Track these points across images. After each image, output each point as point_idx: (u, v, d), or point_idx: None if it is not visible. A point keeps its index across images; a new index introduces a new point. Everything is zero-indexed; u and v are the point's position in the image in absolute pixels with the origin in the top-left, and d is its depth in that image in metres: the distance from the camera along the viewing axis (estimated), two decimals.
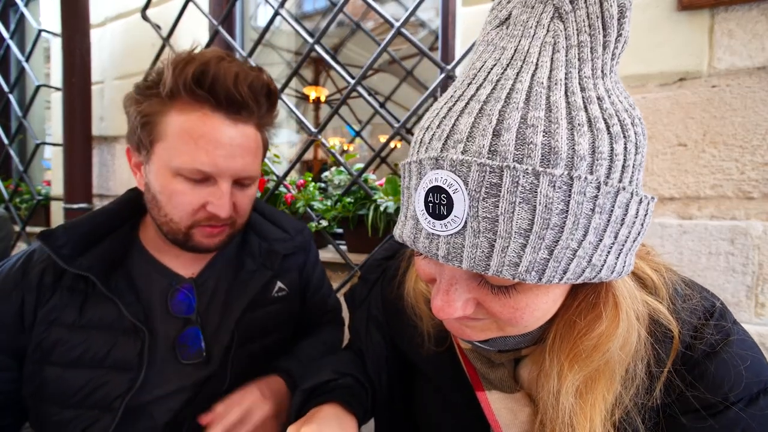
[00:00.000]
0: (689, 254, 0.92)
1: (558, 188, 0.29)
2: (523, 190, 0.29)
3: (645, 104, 0.95)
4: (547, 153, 0.30)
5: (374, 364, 0.64)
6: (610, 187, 0.31)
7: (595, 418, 0.40)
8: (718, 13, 0.89)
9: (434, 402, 0.60)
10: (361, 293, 0.69)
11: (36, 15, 2.20)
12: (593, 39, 0.32)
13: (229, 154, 0.64)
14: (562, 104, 0.31)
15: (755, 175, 0.87)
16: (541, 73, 0.32)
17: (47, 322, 0.64)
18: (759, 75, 0.86)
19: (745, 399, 0.40)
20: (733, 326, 0.43)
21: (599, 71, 0.33)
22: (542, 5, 0.34)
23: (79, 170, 1.69)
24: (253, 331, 0.75)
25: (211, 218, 0.67)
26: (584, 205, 0.30)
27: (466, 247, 0.32)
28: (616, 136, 0.32)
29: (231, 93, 0.63)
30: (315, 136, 1.25)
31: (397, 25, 1.09)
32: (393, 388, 0.65)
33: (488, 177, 0.30)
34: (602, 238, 0.32)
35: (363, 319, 0.67)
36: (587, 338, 0.39)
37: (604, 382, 0.40)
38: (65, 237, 0.65)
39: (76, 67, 1.64)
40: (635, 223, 0.34)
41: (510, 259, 0.31)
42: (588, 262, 0.32)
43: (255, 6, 1.91)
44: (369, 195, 1.20)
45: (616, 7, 0.32)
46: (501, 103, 0.31)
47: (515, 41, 0.34)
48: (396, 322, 0.63)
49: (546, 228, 0.30)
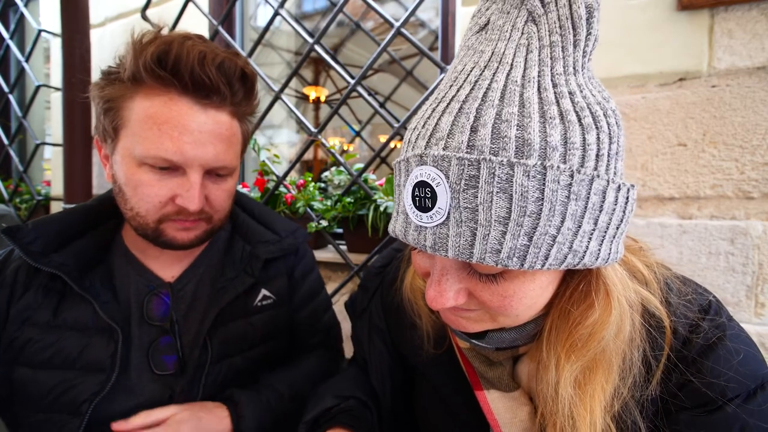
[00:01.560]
0: (689, 254, 0.92)
1: (532, 177, 0.31)
2: (499, 181, 0.31)
3: (645, 104, 0.95)
4: (521, 145, 0.32)
5: (378, 372, 0.64)
6: (584, 175, 0.33)
7: (595, 408, 0.40)
8: (717, 13, 0.89)
9: (434, 403, 0.60)
10: (361, 302, 0.69)
11: (36, 15, 2.20)
12: (564, 39, 0.35)
13: (197, 141, 0.59)
14: (534, 100, 0.33)
15: (755, 174, 0.87)
16: (515, 72, 0.34)
17: (20, 321, 0.62)
18: (759, 75, 0.86)
19: (743, 395, 0.40)
20: (728, 322, 0.43)
21: (571, 68, 0.35)
22: (517, 10, 0.36)
23: (78, 170, 1.69)
24: (233, 345, 0.69)
25: (180, 212, 0.62)
26: (559, 193, 0.32)
27: (450, 236, 0.34)
28: (588, 127, 0.33)
29: (197, 74, 0.57)
30: (315, 136, 1.25)
31: (397, 25, 1.09)
32: (397, 398, 0.65)
33: (467, 170, 0.32)
34: (581, 225, 0.34)
35: (365, 329, 0.67)
36: (581, 327, 0.40)
37: (602, 372, 0.41)
38: (34, 233, 0.62)
39: (76, 67, 1.64)
40: (615, 210, 0.36)
41: (491, 246, 0.33)
42: (569, 248, 0.34)
43: (255, 6, 1.91)
44: (369, 195, 1.20)
45: (584, 8, 0.34)
46: (478, 101, 0.34)
47: (492, 44, 0.37)
48: (396, 326, 0.64)
49: (523, 215, 0.32)
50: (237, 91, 0.63)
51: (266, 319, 0.74)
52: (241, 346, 0.71)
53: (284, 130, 2.62)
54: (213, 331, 0.68)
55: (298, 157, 1.34)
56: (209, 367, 0.66)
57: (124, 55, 0.60)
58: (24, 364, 0.61)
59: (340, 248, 1.24)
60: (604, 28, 0.98)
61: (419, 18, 1.97)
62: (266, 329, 0.74)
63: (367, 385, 0.65)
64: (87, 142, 1.71)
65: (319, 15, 2.35)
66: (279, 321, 0.77)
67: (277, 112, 2.44)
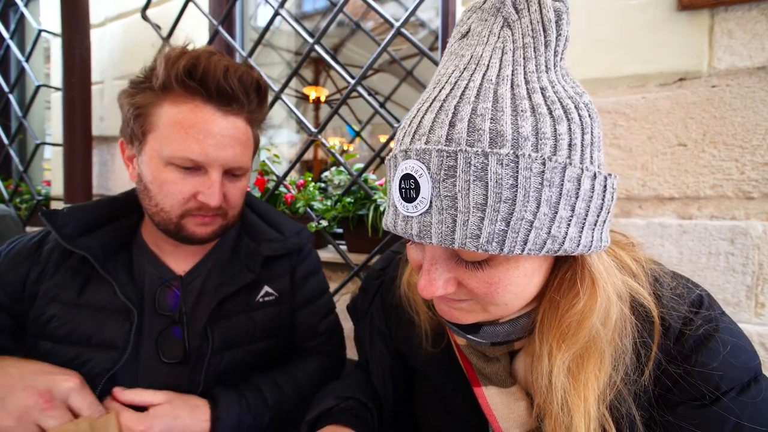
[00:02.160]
0: (689, 254, 0.92)
1: (506, 165, 0.34)
2: (475, 170, 0.34)
3: (645, 104, 0.95)
4: (495, 136, 0.34)
5: (379, 373, 0.66)
6: (555, 162, 0.35)
7: (589, 397, 0.41)
8: (717, 13, 0.89)
9: (433, 402, 0.60)
10: (362, 305, 0.71)
11: (36, 15, 2.20)
12: (536, 40, 0.37)
13: (219, 144, 0.66)
14: (507, 96, 0.36)
15: (755, 174, 0.87)
16: (490, 72, 0.37)
17: (48, 297, 0.68)
18: (759, 75, 0.86)
19: (737, 388, 0.41)
20: (720, 316, 0.44)
21: (543, 66, 0.38)
22: (494, 17, 0.40)
23: (79, 170, 1.69)
24: (234, 338, 0.72)
25: (201, 207, 0.68)
26: (532, 179, 0.34)
27: (433, 224, 0.36)
28: (559, 118, 0.35)
29: (221, 85, 0.65)
30: (315, 136, 1.25)
31: (397, 25, 1.09)
32: (398, 398, 0.66)
33: (446, 161, 0.35)
34: (557, 210, 0.36)
35: (366, 331, 0.68)
36: (570, 315, 0.42)
37: (594, 360, 0.42)
38: (68, 217, 0.69)
39: (76, 67, 1.64)
40: (593, 197, 0.38)
41: (471, 232, 0.35)
42: (548, 234, 0.36)
43: (255, 6, 1.91)
44: (369, 195, 1.20)
45: (553, 12, 0.37)
46: (456, 99, 0.37)
47: (472, 49, 0.40)
48: (396, 326, 0.65)
49: (499, 201, 0.34)
50: (252, 100, 0.70)
51: (268, 315, 0.77)
52: (242, 340, 0.74)
53: (284, 130, 2.63)
54: (214, 322, 0.71)
55: (298, 157, 1.34)
56: (210, 357, 0.69)
57: (154, 66, 0.67)
58: (46, 338, 0.67)
59: (340, 248, 1.24)
60: (604, 28, 0.98)
61: (419, 18, 1.97)
62: (267, 325, 0.77)
63: (368, 388, 0.66)
64: (87, 142, 1.71)
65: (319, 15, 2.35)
66: (280, 318, 0.79)
67: (278, 112, 2.44)
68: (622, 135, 0.97)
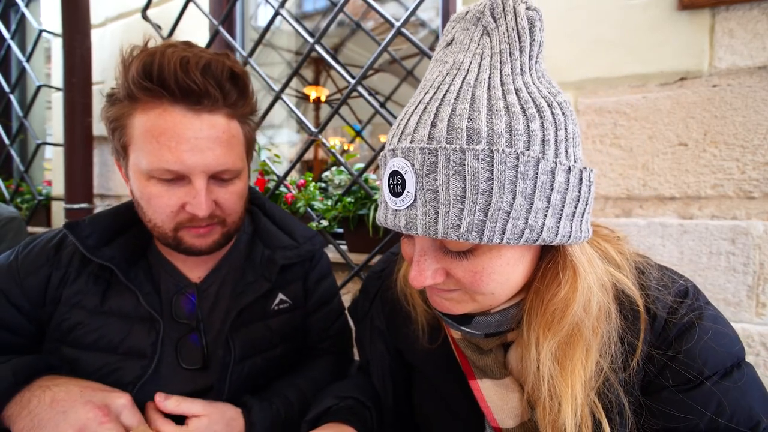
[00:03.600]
0: (690, 254, 0.92)
1: (481, 160, 0.37)
2: (454, 165, 0.37)
3: (645, 104, 0.95)
4: (471, 134, 0.37)
5: (379, 372, 0.67)
6: (529, 157, 0.37)
7: (576, 383, 0.43)
8: (718, 13, 0.89)
9: (431, 398, 0.62)
10: (363, 306, 0.72)
11: (37, 15, 2.21)
12: (511, 46, 0.41)
13: (195, 148, 0.60)
14: (484, 97, 0.39)
15: (756, 174, 0.87)
16: (470, 76, 0.41)
17: (70, 304, 0.67)
18: (760, 74, 0.86)
19: (720, 372, 0.43)
20: (705, 305, 0.46)
21: (518, 69, 0.41)
22: (474, 26, 0.43)
23: (79, 170, 1.69)
24: (254, 346, 0.73)
25: (192, 219, 0.64)
26: (507, 173, 0.37)
27: (418, 216, 0.40)
28: (531, 116, 0.38)
29: (182, 81, 0.58)
30: (315, 136, 1.25)
31: (397, 25, 1.09)
32: (399, 397, 0.67)
33: (427, 158, 0.38)
34: (533, 202, 0.38)
35: (367, 331, 0.70)
36: (553, 303, 0.44)
37: (580, 348, 0.44)
38: (90, 228, 0.68)
39: (77, 67, 1.64)
40: (568, 190, 0.40)
41: (452, 222, 0.38)
42: (525, 224, 0.38)
43: (255, 6, 1.91)
44: (369, 195, 1.20)
45: (527, 20, 0.40)
46: (438, 102, 0.40)
47: (454, 56, 0.43)
48: (395, 324, 0.66)
49: (477, 193, 0.37)
50: (229, 92, 0.63)
51: (283, 322, 0.77)
52: (260, 347, 0.74)
53: (285, 129, 2.62)
54: (235, 332, 0.71)
55: (298, 157, 1.34)
56: (233, 366, 0.69)
57: (117, 75, 0.62)
58: (71, 344, 0.66)
59: (340, 248, 1.24)
60: (604, 28, 0.98)
61: (419, 18, 1.97)
62: (283, 332, 0.77)
63: (368, 389, 0.68)
64: (87, 142, 1.71)
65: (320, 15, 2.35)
66: (295, 324, 0.80)
67: (278, 112, 2.44)
68: (623, 135, 0.97)
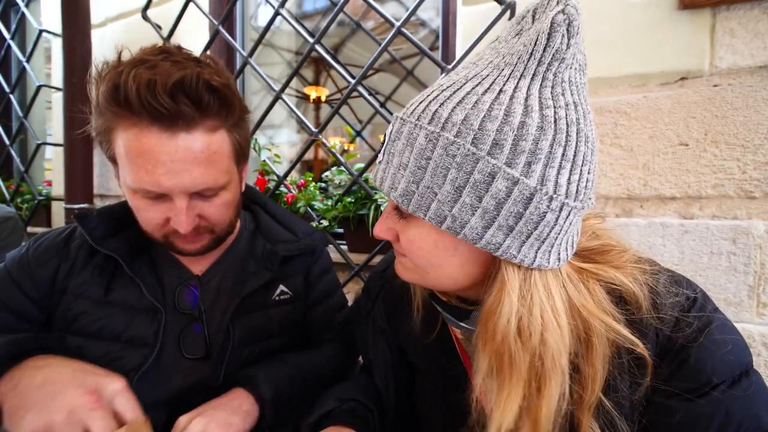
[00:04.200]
0: (691, 254, 0.92)
1: (429, 140, 0.40)
2: (410, 137, 0.42)
3: (646, 103, 0.95)
4: (433, 117, 0.41)
5: (381, 372, 0.68)
6: (469, 151, 0.38)
7: (508, 411, 0.42)
8: (719, 12, 0.88)
9: (433, 396, 0.62)
10: (365, 306, 0.73)
11: (37, 15, 2.21)
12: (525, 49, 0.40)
13: (171, 171, 0.58)
14: (466, 90, 0.41)
15: (757, 174, 0.87)
16: (468, 71, 0.43)
17: (76, 294, 0.69)
18: (761, 74, 0.86)
19: (728, 381, 0.42)
20: (713, 314, 0.45)
21: (518, 74, 0.40)
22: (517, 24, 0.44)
23: (79, 170, 1.69)
24: (253, 334, 0.75)
25: (177, 232, 0.64)
26: (444, 159, 0.39)
27: (384, 173, 0.46)
28: (494, 117, 0.38)
29: (150, 105, 0.55)
30: (315, 136, 1.25)
31: (397, 25, 1.09)
32: (401, 397, 0.68)
33: (397, 126, 0.44)
34: (461, 195, 0.40)
35: (369, 330, 0.71)
36: (482, 312, 0.44)
37: (515, 375, 0.42)
38: (97, 220, 0.71)
39: (77, 68, 1.64)
40: (508, 201, 0.39)
41: (394, 185, 0.43)
42: (449, 211, 0.40)
43: (255, 6, 1.91)
44: (369, 195, 1.20)
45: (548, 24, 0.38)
46: (435, 87, 0.44)
47: (485, 52, 0.45)
48: (397, 323, 0.67)
49: (417, 168, 0.41)
50: (208, 105, 0.59)
51: (283, 313, 0.80)
52: (260, 336, 0.76)
53: (285, 129, 2.62)
54: (236, 319, 0.73)
55: (298, 157, 1.34)
56: (231, 351, 0.72)
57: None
58: (75, 333, 0.68)
59: (340, 248, 1.24)
60: (605, 28, 0.98)
61: (420, 17, 1.97)
62: (282, 323, 0.80)
63: (370, 390, 0.68)
64: (88, 142, 1.71)
65: (320, 15, 2.35)
66: (294, 316, 0.82)
67: (278, 112, 2.44)
68: (623, 134, 0.97)
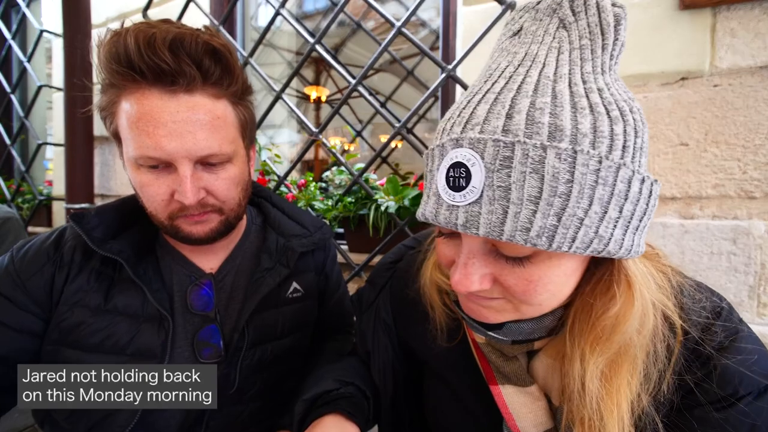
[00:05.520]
0: (691, 254, 0.92)
1: (563, 160, 0.34)
2: (532, 162, 0.34)
3: (646, 103, 0.95)
4: (553, 130, 0.34)
5: (380, 367, 0.64)
6: (611, 162, 0.35)
7: (622, 403, 0.41)
8: (720, 12, 0.88)
9: (445, 398, 0.59)
10: (368, 297, 0.69)
11: (37, 15, 2.21)
12: (593, 43, 0.38)
13: (174, 132, 0.56)
14: (566, 92, 0.36)
15: (757, 174, 0.87)
16: (547, 69, 0.38)
17: (71, 303, 0.63)
18: (761, 74, 0.86)
19: (754, 393, 0.41)
20: (739, 325, 0.45)
21: (599, 69, 0.38)
22: (549, 18, 0.40)
23: (80, 170, 1.69)
24: (266, 333, 0.72)
25: (183, 208, 0.61)
26: (588, 176, 0.34)
27: (482, 214, 0.36)
28: (615, 119, 0.36)
29: (150, 61, 0.54)
30: (316, 136, 1.25)
31: (398, 25, 1.09)
32: (398, 394, 0.65)
33: (502, 151, 0.35)
34: (607, 210, 0.36)
35: (370, 323, 0.67)
36: (604, 319, 0.41)
37: (627, 366, 0.41)
38: (96, 220, 0.65)
39: (78, 68, 1.64)
40: (639, 201, 0.38)
41: (522, 225, 0.35)
42: (595, 233, 0.36)
43: (256, 6, 1.91)
44: (370, 195, 1.20)
45: (612, 16, 0.38)
46: (513, 92, 0.37)
47: (526, 47, 0.40)
48: (406, 321, 0.64)
49: (554, 195, 0.34)
50: (209, 69, 0.58)
51: (295, 310, 0.77)
52: (272, 335, 0.73)
53: (285, 129, 2.62)
54: (252, 318, 0.70)
55: (299, 157, 1.34)
56: (245, 351, 0.68)
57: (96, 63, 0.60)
58: (71, 346, 0.62)
59: (341, 248, 1.24)
60: None
61: (420, 18, 1.97)
62: (294, 320, 0.77)
63: (366, 376, 0.65)
64: (88, 142, 1.71)
65: (320, 15, 2.35)
66: (306, 313, 0.80)
67: (278, 112, 2.45)
68: None
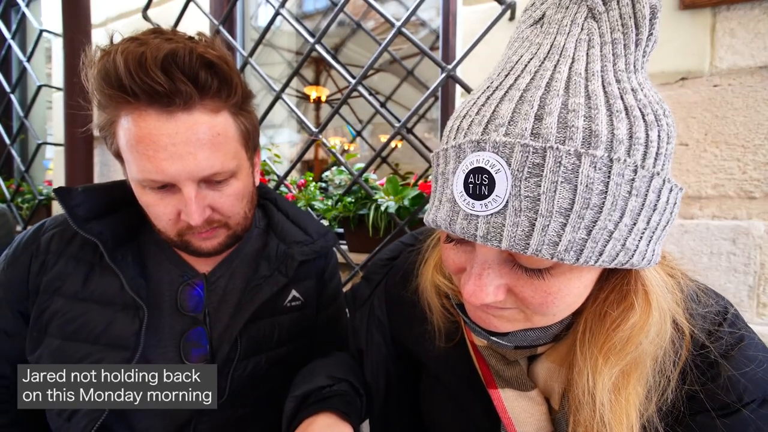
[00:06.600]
0: (691, 254, 0.92)
1: (599, 169, 0.31)
2: (565, 170, 0.31)
3: None
4: (588, 136, 0.31)
5: (373, 365, 0.63)
6: (646, 171, 0.32)
7: (631, 413, 0.40)
8: (719, 12, 0.88)
9: (443, 400, 0.59)
10: (363, 293, 0.68)
11: (37, 15, 2.21)
12: (626, 37, 0.34)
13: (174, 155, 0.54)
14: (600, 93, 0.33)
15: (757, 174, 0.87)
16: (578, 65, 0.34)
17: (50, 290, 0.62)
18: (761, 74, 0.86)
19: (758, 400, 0.40)
20: (746, 331, 0.44)
21: (632, 66, 0.35)
22: (576, 6, 0.36)
23: (80, 170, 1.69)
24: (260, 343, 0.69)
25: (191, 226, 0.60)
26: (622, 187, 0.32)
27: (506, 226, 0.32)
28: (651, 124, 0.33)
29: (142, 83, 0.51)
30: (316, 136, 1.25)
31: (398, 25, 1.09)
32: (391, 391, 0.64)
33: (531, 157, 0.31)
34: (636, 222, 0.33)
35: (364, 320, 0.65)
36: (620, 330, 0.39)
37: (636, 374, 0.40)
38: (82, 197, 0.63)
39: (78, 67, 1.64)
40: (666, 211, 0.36)
41: (550, 239, 0.32)
42: (622, 246, 0.33)
43: (256, 6, 1.91)
44: (370, 195, 1.20)
45: (648, 8, 0.34)
46: (541, 90, 0.33)
47: (551, 38, 0.36)
48: (401, 320, 0.63)
49: (586, 208, 0.31)
50: (206, 83, 0.55)
51: (292, 319, 0.74)
52: (267, 345, 0.70)
53: (285, 129, 2.62)
54: (246, 328, 0.67)
55: (299, 157, 1.34)
56: (237, 363, 0.66)
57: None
58: (53, 335, 0.61)
59: (341, 248, 1.24)
60: None
61: (420, 17, 1.97)
62: (292, 330, 0.74)
63: (359, 372, 0.64)
64: (88, 142, 1.71)
65: (320, 15, 2.35)
66: (303, 323, 0.77)
67: (278, 112, 2.44)
68: None
